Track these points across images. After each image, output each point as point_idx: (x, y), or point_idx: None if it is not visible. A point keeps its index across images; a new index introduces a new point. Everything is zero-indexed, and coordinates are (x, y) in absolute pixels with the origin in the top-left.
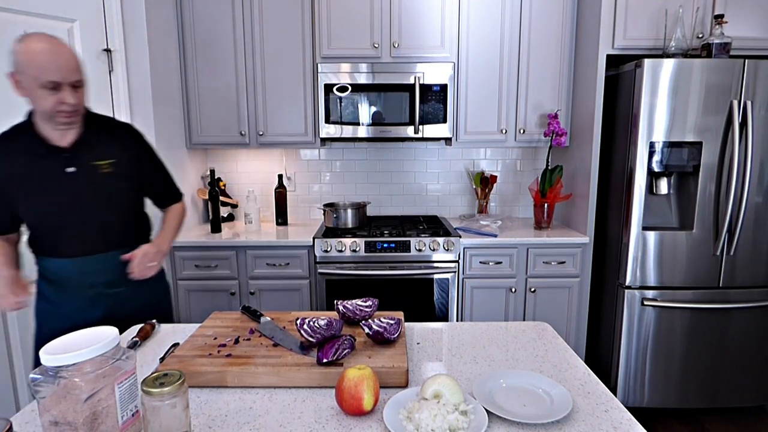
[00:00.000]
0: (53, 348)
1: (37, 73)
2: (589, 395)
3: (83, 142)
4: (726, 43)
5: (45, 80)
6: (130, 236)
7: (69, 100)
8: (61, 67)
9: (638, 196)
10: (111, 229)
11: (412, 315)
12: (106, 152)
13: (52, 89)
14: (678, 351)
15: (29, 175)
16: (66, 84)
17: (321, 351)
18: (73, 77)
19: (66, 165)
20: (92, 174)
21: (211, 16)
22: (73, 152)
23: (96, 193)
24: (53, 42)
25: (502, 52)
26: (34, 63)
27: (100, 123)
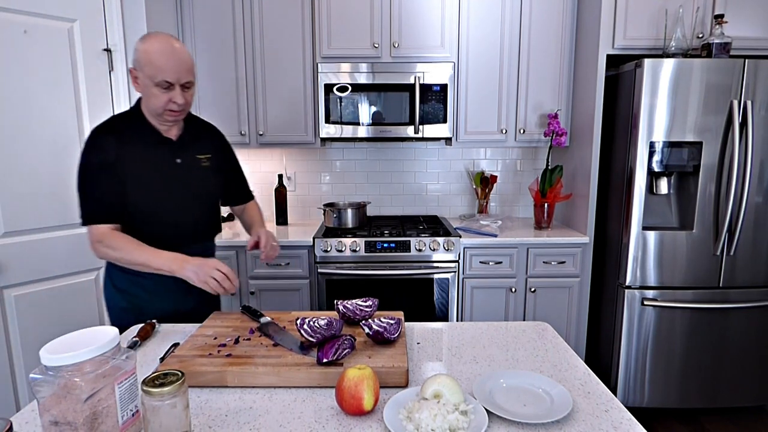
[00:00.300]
0: (53, 348)
1: (153, 72)
2: (589, 395)
3: (187, 136)
4: (726, 43)
5: (160, 80)
6: (213, 231)
7: (178, 100)
8: (176, 68)
9: (638, 196)
10: (202, 222)
11: (412, 315)
12: (205, 147)
13: (165, 89)
14: (678, 351)
15: (144, 162)
16: (178, 84)
17: (321, 351)
18: (187, 78)
19: (175, 156)
20: (195, 166)
21: (212, 16)
22: (180, 144)
23: (197, 185)
24: (171, 43)
25: (502, 52)
26: (151, 62)
27: (194, 121)
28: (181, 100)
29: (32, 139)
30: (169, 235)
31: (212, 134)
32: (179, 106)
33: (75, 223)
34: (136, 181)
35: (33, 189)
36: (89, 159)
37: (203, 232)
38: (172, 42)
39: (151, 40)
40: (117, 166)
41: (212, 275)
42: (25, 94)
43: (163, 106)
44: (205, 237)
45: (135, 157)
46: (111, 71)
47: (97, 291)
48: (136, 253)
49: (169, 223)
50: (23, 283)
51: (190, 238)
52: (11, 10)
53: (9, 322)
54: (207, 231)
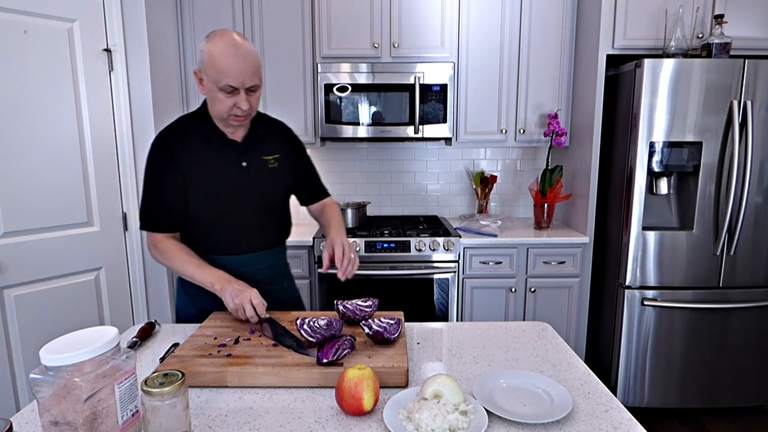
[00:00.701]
0: (53, 348)
1: (216, 76)
2: (589, 395)
3: (253, 137)
4: (726, 43)
5: (224, 84)
6: (282, 234)
7: (243, 106)
8: (240, 72)
9: (638, 196)
10: (270, 226)
11: (412, 315)
12: (271, 147)
13: (230, 93)
14: (678, 351)
15: (208, 166)
16: (243, 89)
17: (321, 351)
18: (251, 82)
19: (241, 159)
20: (262, 168)
21: (212, 16)
22: (246, 146)
23: (265, 188)
24: (237, 45)
25: (502, 52)
26: (215, 65)
27: (261, 119)
28: (245, 106)
29: (32, 139)
30: (237, 241)
31: (280, 132)
32: (244, 112)
33: (75, 223)
34: (200, 186)
35: (33, 189)
36: (152, 164)
37: (273, 236)
38: (236, 42)
39: (215, 41)
40: (179, 172)
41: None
42: (25, 94)
43: (227, 111)
44: (275, 241)
45: (199, 162)
46: (111, 71)
47: (97, 291)
48: (185, 264)
49: (236, 228)
50: (23, 283)
51: (259, 242)
52: (11, 10)
53: (9, 322)
54: (277, 234)
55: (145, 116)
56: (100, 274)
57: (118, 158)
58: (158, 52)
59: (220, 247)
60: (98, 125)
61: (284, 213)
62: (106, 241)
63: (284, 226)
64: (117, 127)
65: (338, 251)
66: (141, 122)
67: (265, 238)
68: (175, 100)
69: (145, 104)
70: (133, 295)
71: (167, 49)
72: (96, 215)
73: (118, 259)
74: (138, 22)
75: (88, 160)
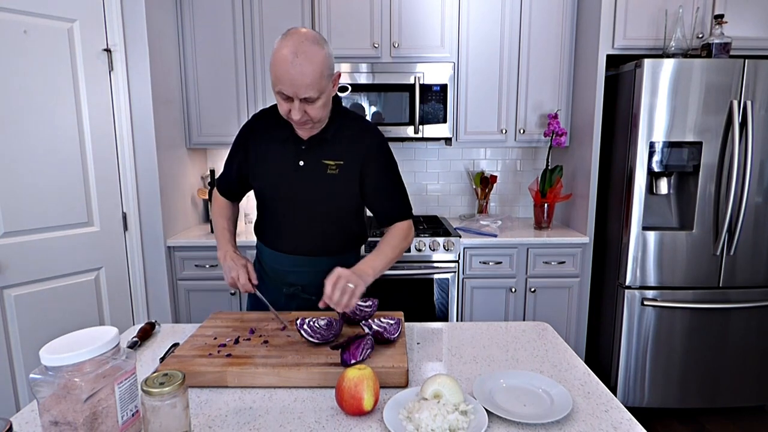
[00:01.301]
0: (53, 348)
1: (273, 80)
2: (589, 395)
3: (320, 139)
4: (726, 43)
5: (278, 89)
6: (339, 245)
7: (294, 116)
8: (293, 82)
9: (638, 196)
10: (322, 233)
11: (412, 315)
12: (338, 152)
13: (285, 99)
14: (678, 351)
15: (269, 156)
16: (297, 99)
17: (347, 353)
18: (305, 94)
19: (299, 158)
20: (319, 171)
21: (212, 16)
22: (308, 146)
23: (317, 191)
24: (297, 53)
25: (502, 52)
26: (273, 70)
27: (346, 122)
28: (297, 116)
29: (32, 139)
30: (292, 240)
31: (356, 138)
32: (297, 120)
33: (75, 223)
34: (258, 174)
35: (33, 189)
36: (235, 139)
37: (321, 243)
38: (298, 50)
39: (280, 43)
40: (245, 154)
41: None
42: (25, 94)
43: (284, 114)
44: (335, 250)
45: (262, 151)
46: (111, 71)
47: (97, 291)
48: (216, 222)
49: (289, 227)
50: (23, 283)
51: (314, 247)
52: (11, 10)
53: (9, 322)
54: (327, 243)
55: (145, 116)
56: (100, 274)
57: (118, 158)
58: (158, 52)
59: (269, 237)
60: (98, 125)
61: (340, 225)
62: (106, 241)
63: (338, 238)
64: (117, 127)
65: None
66: (141, 122)
67: (311, 244)
68: (175, 100)
69: (145, 104)
70: (133, 295)
71: (167, 49)
72: (96, 215)
73: (118, 259)
74: (138, 22)
75: (88, 160)
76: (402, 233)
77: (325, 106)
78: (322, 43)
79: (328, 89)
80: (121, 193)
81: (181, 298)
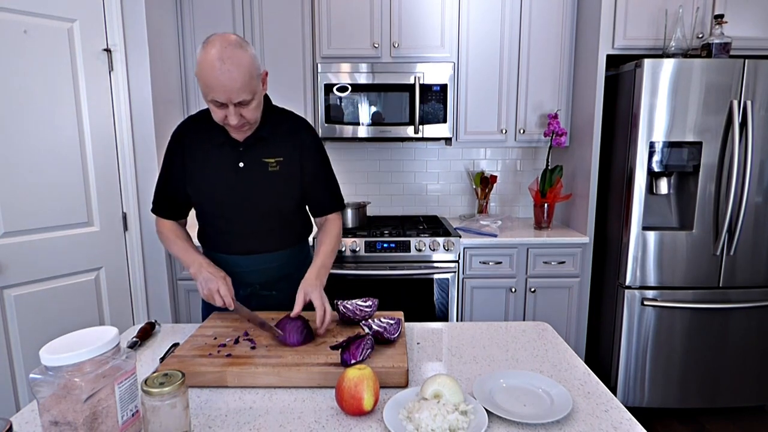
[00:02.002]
0: (53, 348)
1: (204, 89)
2: (589, 395)
3: (257, 138)
4: (726, 43)
5: (210, 98)
6: (290, 239)
7: (231, 121)
8: (225, 88)
9: (638, 196)
10: (271, 230)
11: (412, 315)
12: (277, 149)
13: (218, 106)
14: (678, 351)
15: (207, 162)
16: (231, 104)
17: (347, 353)
18: (238, 98)
19: (238, 160)
20: (260, 170)
21: (212, 16)
22: (246, 147)
23: (261, 190)
24: (224, 59)
25: (502, 52)
26: (202, 79)
27: (279, 118)
28: (233, 121)
29: (32, 139)
30: (231, 240)
31: (292, 133)
32: (235, 125)
33: (75, 223)
34: (197, 181)
35: (33, 189)
36: (166, 151)
37: (271, 241)
38: (224, 56)
39: (204, 51)
40: (181, 164)
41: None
42: (25, 94)
43: (221, 121)
44: (273, 246)
45: (199, 157)
46: (111, 71)
47: (97, 291)
48: (174, 246)
49: (234, 228)
50: (23, 283)
51: (262, 245)
52: (11, 10)
53: (9, 322)
54: (276, 239)
55: (145, 116)
56: (100, 274)
57: (118, 158)
58: (158, 52)
59: (217, 243)
60: (98, 125)
61: (288, 219)
62: (106, 241)
63: (286, 232)
64: (117, 127)
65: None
66: (141, 122)
67: (262, 242)
68: (175, 100)
69: (145, 104)
70: (133, 295)
71: (167, 49)
72: (96, 215)
73: (118, 259)
74: (138, 22)
75: (88, 160)
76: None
77: (259, 107)
78: (245, 46)
79: (259, 89)
80: (121, 193)
81: (181, 298)
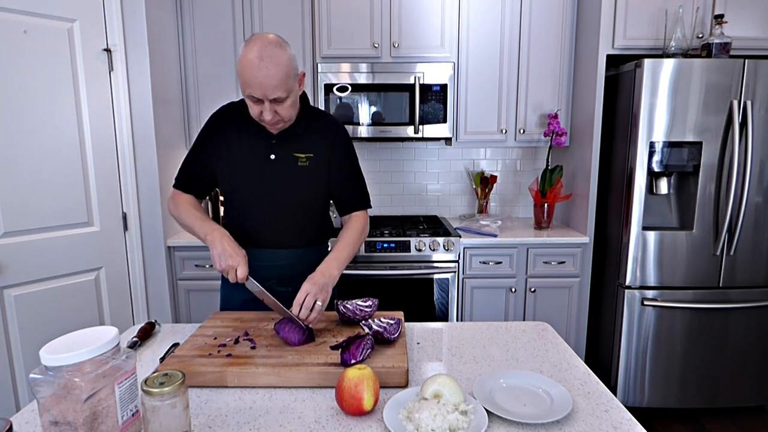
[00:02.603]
0: (53, 348)
1: (242, 84)
2: (589, 395)
3: (290, 133)
4: (726, 43)
5: (247, 93)
6: (310, 237)
7: (266, 117)
8: (262, 85)
9: (638, 196)
10: (294, 225)
11: (412, 315)
12: (308, 145)
13: (255, 102)
14: (678, 351)
15: (238, 150)
16: (266, 100)
17: (347, 353)
18: (274, 95)
19: (270, 152)
20: (289, 164)
21: (212, 16)
22: (279, 141)
23: (289, 184)
24: (262, 57)
25: (502, 52)
26: (241, 75)
27: (314, 117)
28: (268, 117)
29: (32, 139)
30: (263, 234)
31: (324, 132)
32: (269, 121)
33: (75, 223)
34: (229, 168)
35: (33, 189)
36: (200, 132)
37: (293, 236)
38: (262, 54)
39: (245, 49)
40: (211, 148)
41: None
42: (25, 94)
43: (256, 116)
44: (304, 242)
45: (231, 145)
46: (111, 71)
47: (97, 291)
48: (189, 216)
49: (259, 221)
50: (23, 283)
51: (284, 240)
52: (11, 10)
53: (9, 322)
54: (298, 235)
55: (145, 116)
56: (100, 274)
57: (118, 158)
58: (158, 52)
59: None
60: (98, 125)
61: (311, 216)
62: (106, 241)
63: (308, 230)
64: (117, 127)
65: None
66: (141, 122)
67: (283, 236)
68: (175, 100)
69: (145, 104)
70: (133, 295)
71: (167, 49)
72: (96, 215)
73: (118, 259)
74: (138, 22)
75: (88, 160)
76: (361, 228)
77: (294, 105)
78: (284, 46)
79: (295, 89)
80: (121, 193)
81: (181, 298)
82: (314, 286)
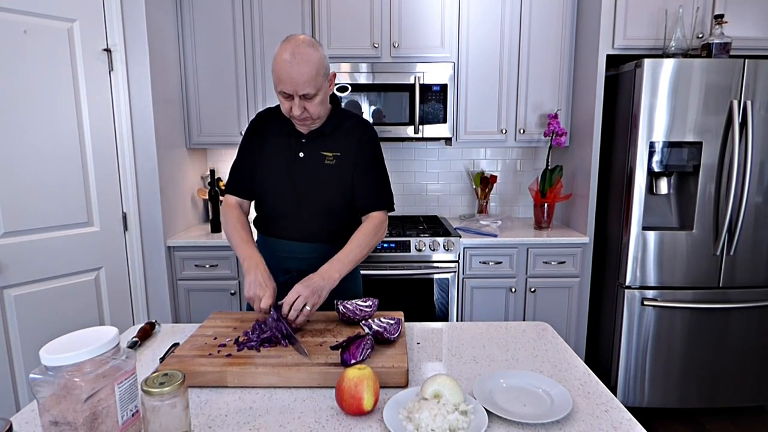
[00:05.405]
0: (53, 348)
1: (275, 81)
2: (589, 395)
3: (319, 133)
4: (726, 43)
5: (279, 89)
6: (335, 234)
7: (295, 112)
8: (292, 80)
9: (638, 196)
10: (320, 221)
11: (412, 315)
12: (335, 144)
13: (286, 97)
14: (678, 351)
15: (272, 150)
16: (296, 96)
17: (347, 353)
18: (303, 91)
19: (299, 150)
20: (317, 162)
21: (212, 17)
22: (308, 140)
23: (315, 181)
24: (294, 54)
25: (502, 52)
26: (274, 72)
27: (343, 117)
28: (297, 112)
29: (32, 139)
30: (291, 228)
31: (351, 132)
32: (297, 116)
33: (75, 223)
34: (263, 167)
35: (33, 189)
36: (243, 138)
37: (325, 233)
38: (295, 51)
39: (280, 47)
40: (254, 150)
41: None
42: (25, 94)
43: (287, 112)
44: (329, 238)
45: (267, 145)
46: (111, 71)
47: (97, 291)
48: (234, 233)
49: (288, 215)
50: (23, 283)
51: (310, 234)
52: (11, 10)
53: (9, 322)
54: (324, 231)
55: (145, 116)
56: (100, 274)
57: (118, 158)
58: (158, 52)
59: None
60: (98, 125)
61: (336, 213)
62: (106, 241)
63: (333, 227)
64: (117, 127)
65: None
66: (141, 122)
67: (309, 231)
68: (175, 100)
69: (145, 104)
70: (133, 295)
71: (167, 49)
72: (96, 215)
73: (118, 259)
74: (138, 22)
75: (88, 160)
76: (373, 229)
77: (323, 103)
78: (316, 46)
79: (325, 87)
80: (121, 193)
81: (181, 298)
82: (307, 290)
